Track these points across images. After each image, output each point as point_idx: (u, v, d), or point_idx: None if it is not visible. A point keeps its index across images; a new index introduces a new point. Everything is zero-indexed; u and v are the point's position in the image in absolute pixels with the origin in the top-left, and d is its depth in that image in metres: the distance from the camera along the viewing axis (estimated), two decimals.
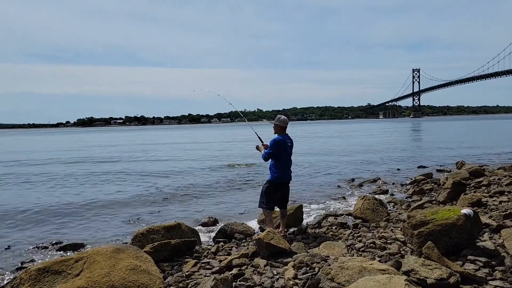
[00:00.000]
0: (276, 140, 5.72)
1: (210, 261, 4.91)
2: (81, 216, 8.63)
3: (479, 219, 4.49)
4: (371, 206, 6.92)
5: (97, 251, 4.08)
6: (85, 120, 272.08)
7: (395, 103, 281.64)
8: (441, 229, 4.21)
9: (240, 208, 8.92)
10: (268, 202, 5.81)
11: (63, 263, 3.88)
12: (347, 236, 5.70)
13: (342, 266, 3.74)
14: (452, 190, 7.92)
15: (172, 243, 5.13)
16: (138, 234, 5.58)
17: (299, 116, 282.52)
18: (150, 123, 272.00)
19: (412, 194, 9.37)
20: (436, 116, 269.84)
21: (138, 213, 8.67)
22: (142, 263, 4.04)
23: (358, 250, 4.97)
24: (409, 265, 3.75)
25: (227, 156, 22.01)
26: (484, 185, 8.98)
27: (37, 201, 10.36)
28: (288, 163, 5.86)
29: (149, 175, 14.97)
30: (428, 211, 4.63)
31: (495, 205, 6.75)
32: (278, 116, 5.90)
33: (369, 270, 3.61)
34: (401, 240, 5.03)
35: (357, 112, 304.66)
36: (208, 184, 12.36)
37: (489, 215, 5.96)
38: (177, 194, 10.85)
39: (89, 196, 10.98)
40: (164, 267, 4.76)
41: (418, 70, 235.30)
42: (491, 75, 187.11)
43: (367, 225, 6.33)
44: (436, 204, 7.67)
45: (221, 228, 6.48)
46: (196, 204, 9.46)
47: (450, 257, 4.06)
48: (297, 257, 4.62)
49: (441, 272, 3.55)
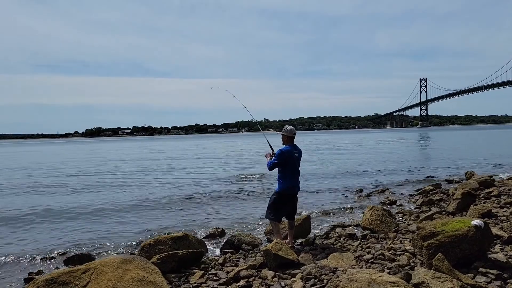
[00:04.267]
0: (282, 150, 5.71)
1: (218, 272, 4.87)
2: (88, 226, 8.65)
3: (490, 231, 4.42)
4: (379, 217, 6.85)
5: (104, 262, 4.08)
6: (93, 130, 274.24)
7: (402, 113, 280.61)
8: (451, 241, 4.15)
9: (248, 219, 8.88)
10: (275, 214, 5.78)
11: (70, 274, 3.88)
12: (356, 247, 5.64)
13: (351, 278, 3.69)
14: (461, 200, 7.82)
15: (179, 254, 5.11)
16: (145, 245, 5.58)
17: (306, 126, 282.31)
18: (157, 133, 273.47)
19: (421, 205, 9.26)
20: (444, 125, 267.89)
21: (145, 223, 8.68)
22: (149, 274, 4.03)
23: (367, 261, 4.91)
24: (419, 277, 3.69)
25: (234, 167, 22.00)
26: (494, 195, 8.86)
27: (44, 211, 10.42)
28: (295, 174, 5.83)
29: (155, 185, 15.00)
30: (438, 222, 4.57)
31: (506, 216, 6.65)
32: (285, 127, 5.90)
33: (379, 282, 3.55)
34: (411, 252, 4.96)
35: (364, 121, 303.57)
36: (215, 195, 12.34)
37: (500, 226, 5.86)
38: (184, 204, 10.85)
39: (96, 205, 11.02)
40: (171, 278, 4.74)
41: (425, 79, 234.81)
42: (500, 85, 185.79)
43: (376, 236, 6.26)
44: (445, 215, 7.58)
45: (228, 239, 6.45)
46: (203, 215, 9.44)
47: (461, 269, 3.99)
48: (305, 268, 4.57)
49: (452, 285, 3.49)
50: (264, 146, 6.58)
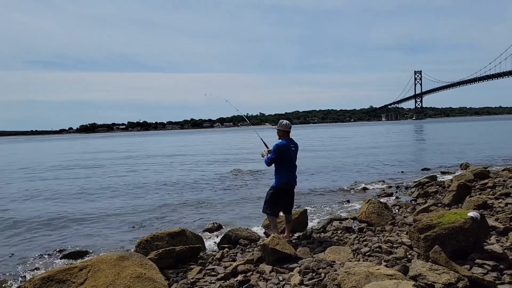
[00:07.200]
0: (278, 145, 5.69)
1: (215, 268, 4.87)
2: (85, 223, 8.62)
3: (486, 222, 4.44)
4: (376, 210, 6.87)
5: (101, 259, 4.06)
6: (88, 126, 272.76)
7: (397, 105, 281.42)
8: (448, 233, 4.16)
9: (245, 213, 8.89)
10: (272, 208, 5.78)
11: (67, 272, 3.86)
12: (353, 240, 5.66)
13: (349, 272, 3.70)
14: (457, 192, 7.86)
15: (176, 250, 5.10)
16: (142, 241, 5.55)
17: (301, 120, 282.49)
18: (152, 128, 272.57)
19: (417, 197, 9.31)
20: (438, 117, 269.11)
21: (142, 220, 8.65)
22: (146, 271, 4.02)
23: (364, 254, 4.93)
24: (417, 269, 3.71)
25: (231, 162, 21.98)
26: (489, 187, 8.91)
27: (41, 209, 10.37)
28: (292, 168, 5.81)
29: (151, 183, 14.95)
30: (434, 214, 4.59)
31: (501, 207, 6.69)
32: (281, 121, 5.87)
33: (376, 275, 3.56)
34: (407, 244, 4.98)
35: (360, 115, 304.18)
36: (212, 190, 12.34)
37: (496, 217, 5.89)
38: (180, 200, 10.83)
39: (92, 203, 10.99)
40: (169, 274, 4.73)
41: (420, 72, 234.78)
42: (493, 76, 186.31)
43: (373, 229, 6.28)
44: (441, 207, 7.61)
45: (226, 234, 6.44)
46: (200, 210, 9.43)
47: (458, 261, 4.01)
48: (303, 262, 4.58)
49: (449, 277, 3.51)
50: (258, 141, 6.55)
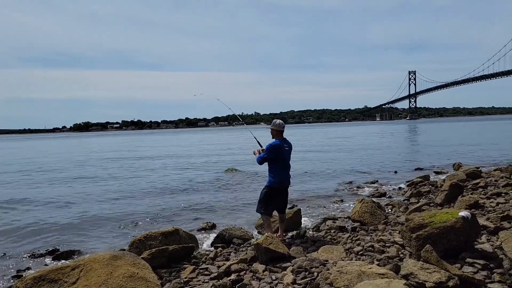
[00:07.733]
0: (272, 144, 5.69)
1: (209, 267, 4.88)
2: (77, 223, 8.57)
3: (477, 222, 4.48)
4: (369, 209, 6.91)
5: (94, 258, 4.05)
6: (82, 125, 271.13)
7: (392, 105, 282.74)
8: (439, 232, 4.20)
9: (238, 213, 8.89)
10: (266, 208, 5.79)
11: (59, 271, 3.84)
12: (346, 239, 5.69)
13: (341, 271, 3.72)
14: (449, 192, 7.93)
15: (169, 249, 5.10)
16: (135, 241, 5.55)
17: (296, 119, 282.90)
18: (147, 127, 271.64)
19: (409, 197, 9.37)
20: (432, 117, 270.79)
21: (135, 219, 8.62)
22: (139, 270, 4.01)
23: (357, 253, 4.96)
24: (408, 268, 3.74)
25: (225, 161, 21.96)
26: (481, 186, 8.98)
27: (33, 209, 10.30)
28: (286, 167, 5.83)
29: (144, 183, 14.90)
30: (426, 214, 4.63)
31: (492, 206, 6.75)
32: (274, 121, 5.88)
33: (368, 274, 3.59)
34: (400, 243, 5.01)
35: (354, 114, 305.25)
36: (205, 189, 12.33)
37: (487, 217, 5.95)
38: (174, 199, 10.82)
39: (85, 203, 10.92)
40: (162, 274, 4.72)
41: (414, 72, 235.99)
42: (487, 77, 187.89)
43: (366, 228, 6.32)
44: (434, 206, 7.67)
45: (219, 233, 6.45)
46: (193, 209, 9.42)
47: (449, 260, 4.05)
48: (296, 261, 4.60)
49: (439, 276, 3.55)
50: (251, 141, 6.56)
